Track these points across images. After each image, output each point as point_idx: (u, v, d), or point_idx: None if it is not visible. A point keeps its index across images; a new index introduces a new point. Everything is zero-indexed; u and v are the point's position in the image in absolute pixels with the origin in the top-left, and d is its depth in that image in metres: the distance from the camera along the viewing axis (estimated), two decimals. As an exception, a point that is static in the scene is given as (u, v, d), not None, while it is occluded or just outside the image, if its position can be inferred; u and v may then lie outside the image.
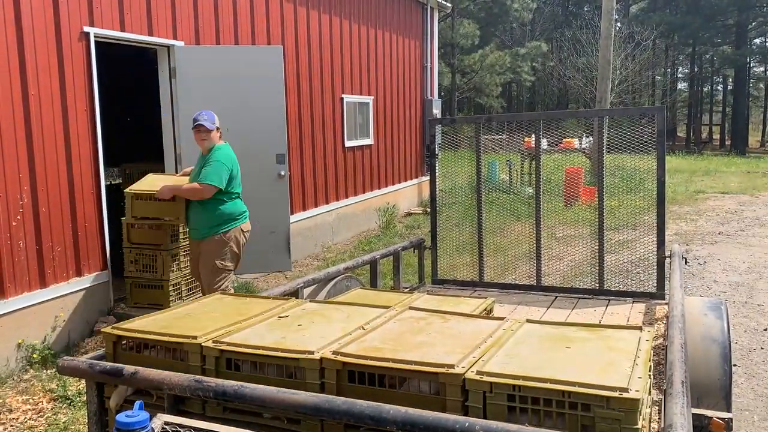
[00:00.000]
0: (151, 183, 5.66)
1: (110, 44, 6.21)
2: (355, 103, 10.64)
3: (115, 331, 2.37)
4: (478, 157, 5.22)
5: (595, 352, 2.02)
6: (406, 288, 5.00)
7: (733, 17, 37.31)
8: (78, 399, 4.51)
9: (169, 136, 6.87)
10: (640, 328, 2.23)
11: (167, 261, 5.81)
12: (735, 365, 4.86)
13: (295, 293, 3.59)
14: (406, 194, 13.00)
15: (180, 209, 5.34)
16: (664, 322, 3.27)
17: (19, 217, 5.16)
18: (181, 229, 5.97)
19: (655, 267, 4.76)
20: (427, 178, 12.26)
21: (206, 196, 4.98)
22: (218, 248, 5.05)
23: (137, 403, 1.66)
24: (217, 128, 5.17)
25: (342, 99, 10.12)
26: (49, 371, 5.04)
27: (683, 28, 37.80)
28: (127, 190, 5.74)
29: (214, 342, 2.21)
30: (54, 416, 4.34)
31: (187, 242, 6.07)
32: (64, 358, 2.35)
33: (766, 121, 43.36)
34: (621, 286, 5.03)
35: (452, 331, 2.28)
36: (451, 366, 1.90)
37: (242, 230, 5.19)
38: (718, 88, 46.95)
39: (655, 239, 4.73)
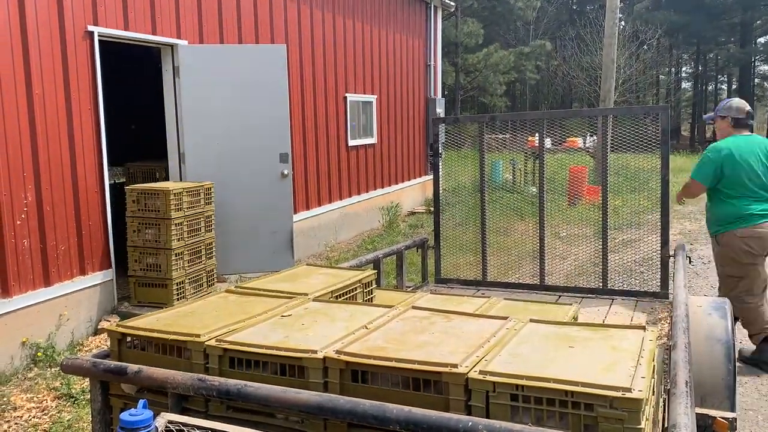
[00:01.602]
0: None
1: (114, 43, 6.23)
2: (358, 102, 10.64)
3: (120, 329, 2.37)
4: (481, 157, 5.22)
5: (599, 352, 2.02)
6: (410, 287, 5.00)
7: (737, 16, 37.22)
8: (82, 397, 4.53)
9: (173, 135, 6.88)
10: (643, 328, 2.22)
11: (171, 260, 5.83)
12: (739, 365, 4.85)
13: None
14: (410, 193, 12.99)
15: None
16: (668, 321, 3.27)
17: (23, 216, 5.17)
18: (184, 228, 5.98)
19: (659, 266, 4.75)
20: (431, 177, 12.25)
21: (690, 194, 5.05)
22: (716, 249, 4.97)
23: (141, 401, 1.66)
24: (727, 117, 4.90)
25: (345, 98, 10.12)
26: (53, 369, 5.05)
27: (687, 26, 37.70)
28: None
29: (217, 341, 2.21)
30: (58, 414, 4.36)
31: (189, 241, 6.10)
32: (68, 356, 2.36)
33: (771, 120, 43.22)
34: (625, 286, 5.02)
35: (455, 331, 2.28)
36: (455, 365, 1.90)
37: (735, 235, 4.75)
38: (723, 87, 46.81)
39: (658, 238, 4.72)
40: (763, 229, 4.68)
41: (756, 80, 42.45)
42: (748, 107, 4.95)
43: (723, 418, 2.54)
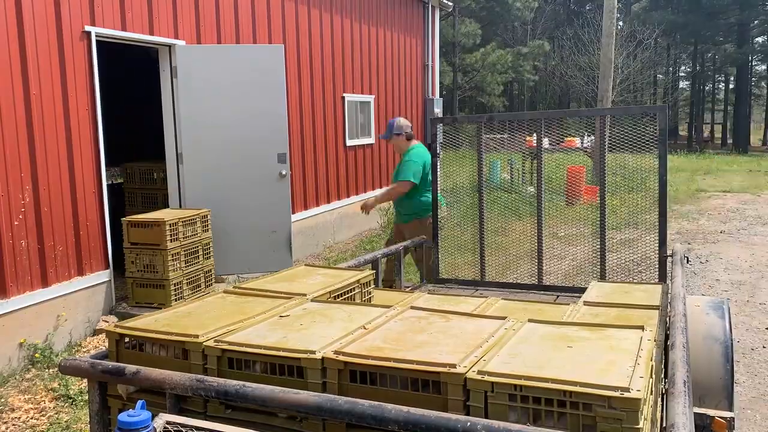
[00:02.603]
0: None
1: (112, 43, 6.22)
2: (356, 102, 10.64)
3: (118, 330, 2.37)
4: (479, 156, 5.21)
5: (597, 352, 2.02)
6: (408, 287, 5.00)
7: (734, 16, 37.27)
8: (80, 398, 4.52)
9: (171, 136, 6.88)
10: (641, 328, 2.22)
11: (168, 260, 5.82)
12: (737, 361, 4.85)
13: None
14: (408, 193, 12.98)
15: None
16: (666, 321, 3.27)
17: (21, 217, 5.16)
18: (180, 229, 5.98)
19: (657, 266, 4.75)
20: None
21: (402, 191, 5.73)
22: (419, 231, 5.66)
23: (139, 402, 1.66)
24: (403, 134, 5.92)
25: (343, 98, 10.12)
26: (51, 370, 5.04)
27: (685, 26, 37.77)
28: None
29: (215, 341, 2.21)
30: (56, 415, 4.35)
31: (188, 242, 6.10)
32: (66, 357, 2.35)
33: (768, 120, 43.29)
34: (623, 285, 5.00)
35: (454, 331, 2.28)
36: (453, 365, 1.89)
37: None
38: (720, 86, 46.91)
39: (656, 238, 4.72)
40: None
41: (753, 80, 42.49)
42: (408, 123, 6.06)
43: (721, 417, 2.54)
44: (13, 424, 4.24)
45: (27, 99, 5.20)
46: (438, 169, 5.41)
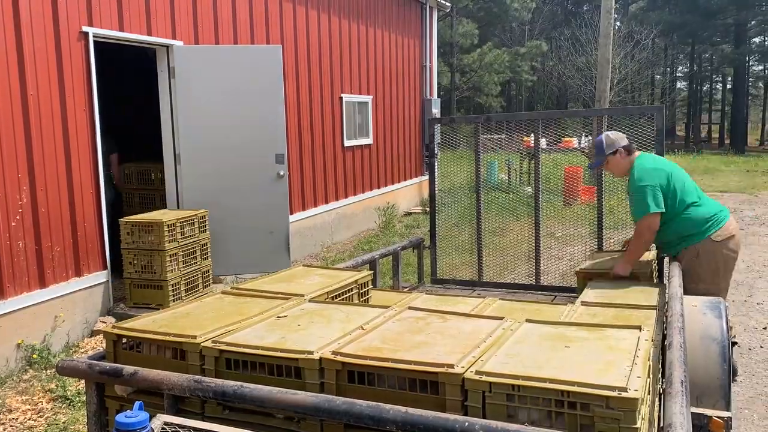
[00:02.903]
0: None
1: (109, 44, 6.21)
2: (354, 102, 10.64)
3: (116, 330, 2.37)
4: (477, 157, 5.22)
5: (595, 352, 2.02)
6: (406, 287, 5.01)
7: (732, 16, 37.32)
8: (77, 399, 4.51)
9: (168, 136, 6.86)
10: (639, 328, 2.23)
11: (165, 261, 5.82)
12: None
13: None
14: (406, 194, 13.00)
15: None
16: (663, 321, 3.28)
17: (18, 218, 5.16)
18: (178, 230, 5.98)
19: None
20: (427, 177, 12.24)
21: (651, 232, 4.06)
22: (688, 266, 4.17)
23: (137, 403, 1.66)
24: (616, 151, 4.23)
25: (341, 98, 10.12)
26: (48, 371, 5.03)
27: (682, 26, 37.81)
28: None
29: (213, 342, 2.21)
30: (53, 416, 4.34)
31: (185, 243, 6.10)
32: (64, 358, 2.35)
33: (765, 120, 43.37)
34: (620, 285, 5.01)
35: (452, 331, 2.28)
36: (451, 366, 1.90)
37: (712, 240, 4.15)
38: (717, 86, 46.96)
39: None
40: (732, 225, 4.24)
41: (750, 80, 42.57)
42: (622, 134, 4.44)
43: (718, 417, 2.55)
44: (11, 425, 4.23)
45: (24, 99, 5.19)
46: (436, 170, 5.42)
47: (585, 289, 3.77)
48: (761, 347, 5.53)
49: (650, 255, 4.31)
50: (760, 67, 43.31)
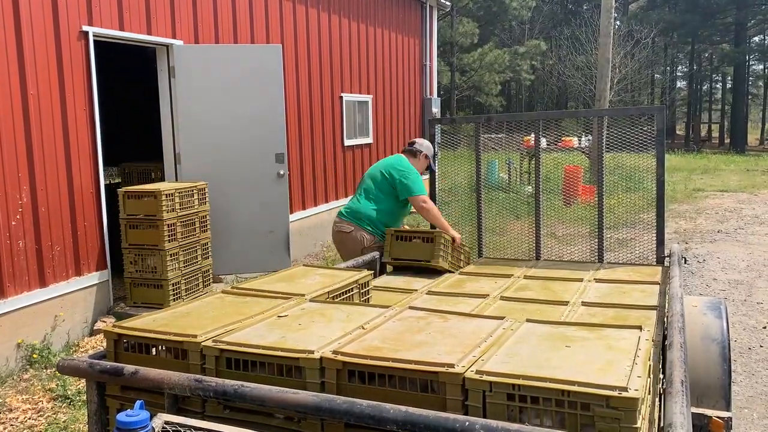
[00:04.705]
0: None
1: (109, 43, 6.21)
2: (354, 101, 10.64)
3: (116, 330, 2.37)
4: (477, 156, 5.22)
5: (595, 351, 2.02)
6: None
7: (731, 15, 37.33)
8: (78, 398, 4.52)
9: (169, 136, 6.87)
10: (639, 327, 2.23)
11: (166, 260, 5.82)
12: (734, 360, 4.87)
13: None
14: (406, 193, 12.98)
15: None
16: (664, 321, 3.28)
17: (18, 217, 5.16)
18: (177, 229, 5.97)
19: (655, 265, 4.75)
20: (427, 177, 12.22)
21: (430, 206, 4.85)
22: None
23: (137, 402, 1.66)
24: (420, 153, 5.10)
25: (341, 98, 10.12)
26: (48, 371, 5.04)
27: (682, 26, 37.82)
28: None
29: (214, 341, 2.21)
30: (54, 416, 4.35)
31: (185, 242, 6.10)
32: (64, 357, 2.35)
33: (765, 119, 43.38)
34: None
35: (452, 331, 2.28)
36: (451, 365, 1.90)
37: None
38: (717, 86, 46.98)
39: (654, 238, 4.73)
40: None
41: (750, 79, 42.57)
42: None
43: (719, 417, 2.55)
44: (11, 425, 4.24)
45: (24, 99, 5.19)
46: (436, 170, 5.41)
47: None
48: (761, 347, 5.53)
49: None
50: (760, 66, 43.33)
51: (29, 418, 4.33)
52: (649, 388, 2.01)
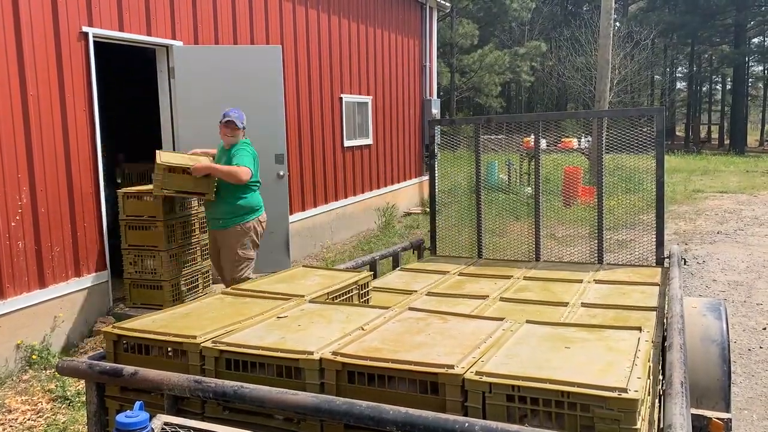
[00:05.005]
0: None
1: (109, 44, 6.21)
2: (354, 102, 10.64)
3: (116, 331, 2.37)
4: (477, 158, 5.23)
5: (595, 353, 2.02)
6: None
7: (731, 17, 37.34)
8: (77, 399, 4.51)
9: (168, 136, 6.87)
10: (639, 329, 2.23)
11: (165, 261, 5.81)
12: (733, 361, 4.87)
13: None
14: (406, 194, 13.00)
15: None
16: (664, 322, 3.29)
17: (18, 218, 5.16)
18: (177, 230, 5.97)
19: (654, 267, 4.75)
20: (427, 177, 12.24)
21: (243, 179, 5.16)
22: (239, 238, 5.35)
23: (137, 403, 1.66)
24: (243, 128, 5.41)
25: (341, 99, 10.12)
26: (48, 372, 5.03)
27: (682, 27, 37.84)
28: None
29: (213, 342, 2.21)
30: (53, 417, 4.34)
31: (185, 243, 6.09)
32: (64, 358, 2.35)
33: (765, 121, 43.38)
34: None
35: (452, 332, 2.28)
36: (451, 366, 1.90)
37: (260, 221, 5.51)
38: (717, 87, 46.98)
39: (654, 239, 4.73)
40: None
41: (750, 80, 42.59)
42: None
43: (718, 418, 2.55)
44: (10, 426, 4.23)
45: (24, 100, 5.19)
46: (436, 170, 5.42)
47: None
48: (760, 347, 5.53)
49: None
50: (760, 68, 43.33)
51: (28, 419, 4.32)
52: (649, 389, 2.01)
